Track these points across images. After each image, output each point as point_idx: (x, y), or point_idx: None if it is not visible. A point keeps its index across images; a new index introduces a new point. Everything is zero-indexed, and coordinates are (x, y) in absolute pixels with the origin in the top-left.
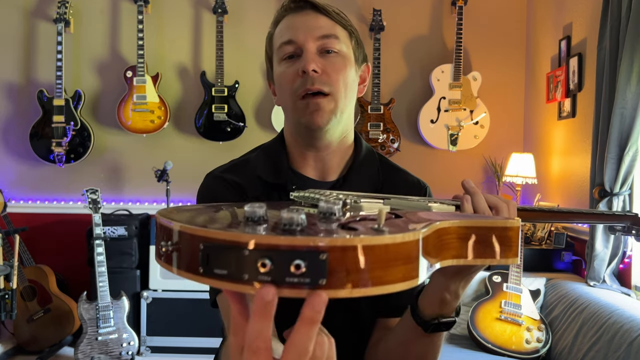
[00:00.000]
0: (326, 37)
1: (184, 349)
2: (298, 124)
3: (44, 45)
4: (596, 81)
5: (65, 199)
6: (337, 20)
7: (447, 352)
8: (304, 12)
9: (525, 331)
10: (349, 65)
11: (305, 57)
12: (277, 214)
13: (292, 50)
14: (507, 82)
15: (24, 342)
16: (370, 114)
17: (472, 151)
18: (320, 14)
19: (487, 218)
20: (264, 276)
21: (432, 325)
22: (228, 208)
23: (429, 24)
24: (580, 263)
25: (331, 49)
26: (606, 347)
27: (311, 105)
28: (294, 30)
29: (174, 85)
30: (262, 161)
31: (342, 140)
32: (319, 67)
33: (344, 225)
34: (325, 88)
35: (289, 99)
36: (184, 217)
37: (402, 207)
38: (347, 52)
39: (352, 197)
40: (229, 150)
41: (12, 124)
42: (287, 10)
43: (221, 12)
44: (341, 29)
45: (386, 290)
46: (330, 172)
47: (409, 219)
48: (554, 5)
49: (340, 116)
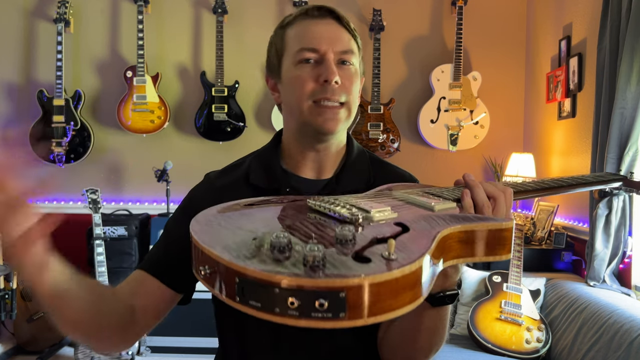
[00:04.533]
0: (345, 53)
1: (184, 349)
2: (306, 125)
3: (44, 45)
4: (596, 81)
5: (65, 199)
6: (353, 35)
7: (447, 352)
8: (326, 21)
9: (525, 331)
10: (358, 77)
11: (328, 67)
12: (297, 241)
13: (313, 57)
14: (507, 82)
15: (24, 342)
16: (370, 114)
17: (472, 151)
18: (342, 26)
19: (484, 221)
20: (293, 311)
21: (437, 299)
22: (255, 221)
23: (429, 24)
24: (580, 263)
25: (347, 60)
26: (606, 347)
27: (328, 113)
28: (317, 39)
29: (174, 85)
30: (254, 169)
31: (339, 142)
32: (339, 79)
33: (358, 255)
34: (343, 98)
35: (301, 101)
36: (219, 240)
37: (408, 201)
38: (357, 66)
39: (363, 205)
40: (229, 150)
41: (12, 124)
42: (309, 15)
43: (221, 12)
44: (354, 43)
45: (396, 315)
46: (325, 171)
47: (416, 234)
48: (554, 5)
49: (348, 123)
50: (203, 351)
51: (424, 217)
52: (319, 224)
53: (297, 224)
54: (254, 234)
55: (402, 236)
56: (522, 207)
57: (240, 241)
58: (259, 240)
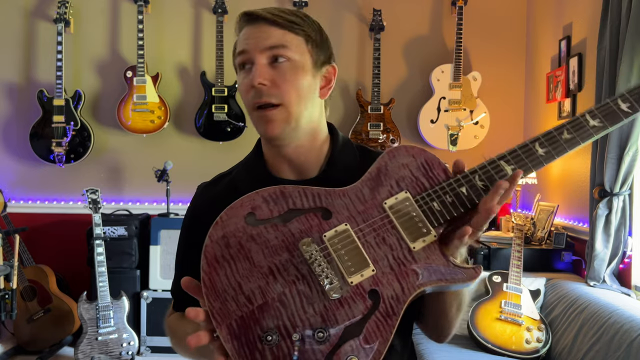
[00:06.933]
0: (274, 47)
1: None
2: (259, 133)
3: (44, 45)
4: (596, 81)
5: (65, 199)
6: (288, 28)
7: (447, 352)
8: (257, 24)
9: (525, 331)
10: (301, 72)
11: (253, 70)
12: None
13: (244, 60)
14: (507, 82)
15: (24, 342)
16: (370, 114)
17: (472, 151)
18: (271, 25)
19: (453, 282)
20: None
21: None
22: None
23: (429, 24)
24: (580, 263)
25: (280, 56)
26: (606, 347)
27: (263, 117)
28: (246, 41)
29: (174, 85)
30: (241, 177)
31: (312, 139)
32: (266, 80)
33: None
34: (274, 99)
35: (249, 110)
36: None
37: (394, 226)
38: (299, 59)
39: (341, 278)
40: (229, 150)
41: (12, 124)
42: (242, 21)
43: (221, 12)
44: (293, 36)
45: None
46: (309, 170)
47: (380, 320)
48: (554, 5)
49: (296, 124)
50: None
51: (399, 271)
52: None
53: (287, 295)
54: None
55: (369, 323)
56: (522, 207)
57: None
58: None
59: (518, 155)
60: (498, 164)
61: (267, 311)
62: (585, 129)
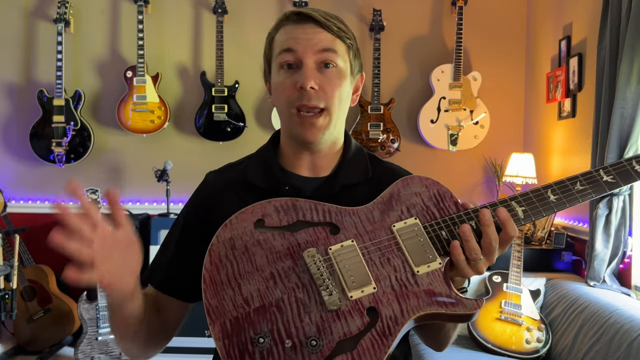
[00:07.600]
0: (325, 51)
1: (184, 349)
2: (292, 132)
3: (44, 45)
4: (596, 81)
5: (65, 199)
6: (337, 35)
7: (447, 351)
8: (307, 25)
9: (525, 331)
10: (344, 79)
11: (304, 72)
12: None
13: (292, 60)
14: (507, 82)
15: (24, 342)
16: (370, 114)
17: (472, 151)
18: (322, 28)
19: (453, 308)
20: None
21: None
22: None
23: (429, 24)
24: (580, 263)
25: (330, 62)
26: (606, 347)
27: (306, 122)
28: (294, 40)
29: (174, 85)
30: (254, 168)
31: (333, 146)
32: (316, 84)
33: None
34: (322, 104)
35: (284, 109)
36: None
37: (400, 248)
38: (343, 66)
39: (350, 277)
40: (229, 150)
41: (12, 124)
42: (290, 19)
43: (221, 12)
44: (340, 43)
45: None
46: (322, 169)
47: (377, 338)
48: (554, 5)
49: (332, 129)
50: (203, 351)
51: (400, 292)
52: (304, 304)
53: (285, 301)
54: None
55: (364, 340)
56: None
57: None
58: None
59: (530, 199)
60: (509, 204)
61: (262, 315)
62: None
